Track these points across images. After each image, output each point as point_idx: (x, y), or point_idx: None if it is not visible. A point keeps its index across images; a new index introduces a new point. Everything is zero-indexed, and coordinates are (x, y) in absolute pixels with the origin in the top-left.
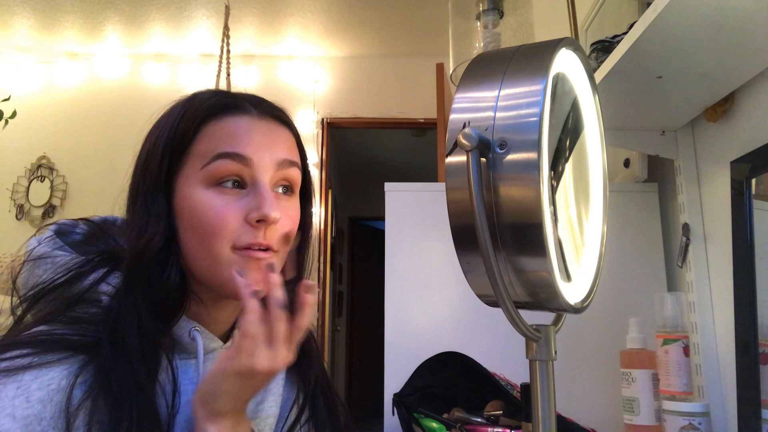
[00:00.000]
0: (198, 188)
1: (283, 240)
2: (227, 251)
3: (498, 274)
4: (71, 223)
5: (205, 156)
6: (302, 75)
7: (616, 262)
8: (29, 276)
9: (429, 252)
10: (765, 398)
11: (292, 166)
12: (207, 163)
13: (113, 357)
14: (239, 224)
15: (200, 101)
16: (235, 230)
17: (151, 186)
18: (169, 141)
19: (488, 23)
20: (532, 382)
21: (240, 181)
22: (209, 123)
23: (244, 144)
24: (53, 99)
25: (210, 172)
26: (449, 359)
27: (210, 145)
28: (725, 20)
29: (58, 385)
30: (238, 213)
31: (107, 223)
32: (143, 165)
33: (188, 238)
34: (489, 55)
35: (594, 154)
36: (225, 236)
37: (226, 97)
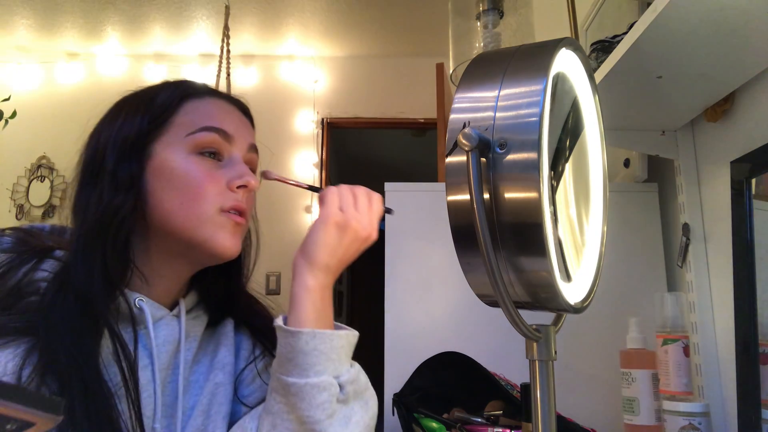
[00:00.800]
0: (181, 154)
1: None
2: (213, 212)
3: (498, 274)
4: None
5: (189, 126)
6: (302, 75)
7: (616, 262)
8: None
9: (429, 252)
10: (765, 398)
11: (255, 151)
12: (192, 132)
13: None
14: (222, 189)
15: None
16: (219, 194)
17: (125, 153)
18: (148, 112)
19: (488, 23)
20: (532, 382)
21: (218, 153)
22: (190, 100)
23: (227, 122)
24: (53, 99)
25: (195, 140)
26: (449, 359)
27: (194, 118)
28: (725, 20)
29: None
30: (220, 179)
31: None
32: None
33: (168, 199)
34: (489, 55)
35: (594, 154)
36: (210, 198)
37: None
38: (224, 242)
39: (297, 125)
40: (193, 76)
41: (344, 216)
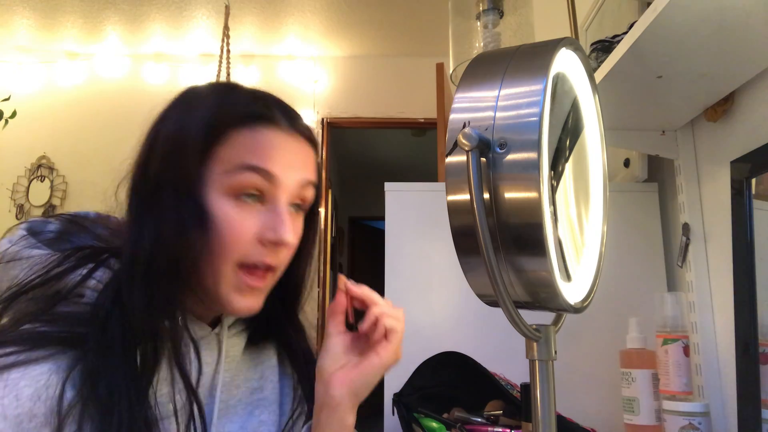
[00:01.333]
0: (216, 194)
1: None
2: (230, 267)
3: (498, 274)
4: (42, 220)
5: (230, 162)
6: (302, 75)
7: (616, 262)
8: (3, 276)
9: (429, 252)
10: (765, 398)
11: (310, 186)
12: (231, 170)
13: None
14: (251, 241)
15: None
16: (245, 247)
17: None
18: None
19: (488, 23)
20: (532, 382)
21: (260, 195)
22: (243, 128)
23: (274, 160)
24: (53, 99)
25: (233, 181)
26: (449, 359)
27: (239, 152)
28: (725, 20)
29: (48, 380)
30: (252, 229)
31: (79, 217)
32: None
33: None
34: (489, 55)
35: (594, 154)
36: (234, 251)
37: (263, 106)
38: (238, 304)
39: None
40: (193, 76)
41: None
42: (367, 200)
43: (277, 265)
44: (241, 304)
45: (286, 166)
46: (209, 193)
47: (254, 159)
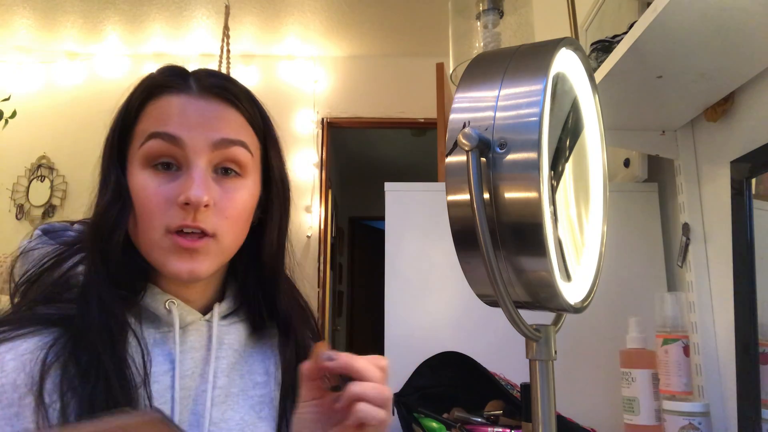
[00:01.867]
0: (136, 169)
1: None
2: (159, 234)
3: (498, 274)
4: (63, 225)
5: (141, 135)
6: (302, 75)
7: (616, 262)
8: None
9: (429, 252)
10: (765, 398)
11: (234, 145)
12: (142, 143)
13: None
14: (168, 206)
15: (149, 79)
16: (165, 212)
17: (105, 165)
18: (119, 120)
19: (488, 23)
20: (532, 382)
21: (175, 162)
22: (150, 102)
23: (175, 124)
24: (53, 99)
25: (144, 152)
26: (449, 359)
27: (147, 124)
28: (725, 20)
29: (32, 353)
30: (167, 195)
31: None
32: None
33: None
34: (489, 55)
35: (594, 154)
36: (155, 218)
37: (173, 74)
38: (173, 267)
39: (297, 125)
40: None
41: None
42: (367, 200)
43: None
44: (177, 266)
45: (192, 127)
46: (130, 169)
47: (156, 126)
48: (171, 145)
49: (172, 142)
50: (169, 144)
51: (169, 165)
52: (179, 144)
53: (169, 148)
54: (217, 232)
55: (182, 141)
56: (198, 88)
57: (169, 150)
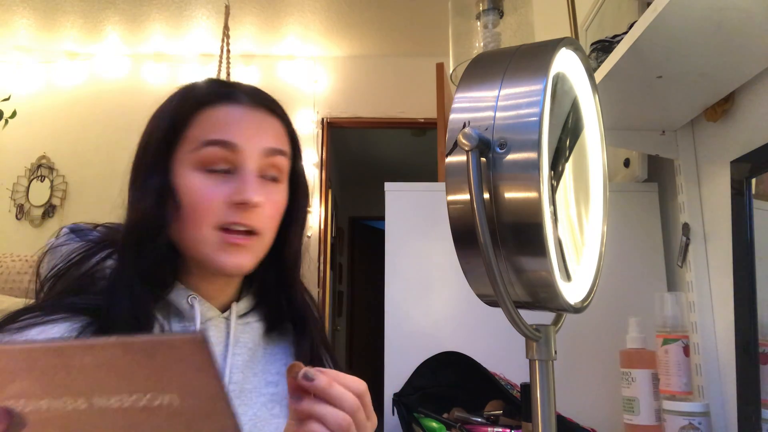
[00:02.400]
0: (186, 170)
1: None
2: (209, 231)
3: (498, 274)
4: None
5: (196, 141)
6: (302, 75)
7: (616, 262)
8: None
9: (429, 252)
10: (765, 398)
11: (278, 155)
12: (196, 148)
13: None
14: (222, 206)
15: (197, 89)
16: (217, 211)
17: (150, 166)
18: (167, 126)
19: (488, 23)
20: (532, 382)
21: (228, 166)
22: (204, 110)
23: (234, 132)
24: (53, 99)
25: (200, 156)
26: (449, 359)
27: (202, 131)
28: (725, 20)
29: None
30: (221, 195)
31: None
32: (144, 147)
33: (177, 217)
34: (489, 55)
35: (594, 154)
36: (208, 216)
37: (222, 86)
38: (222, 260)
39: (297, 125)
40: (193, 76)
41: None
42: (367, 200)
43: (257, 227)
44: (226, 260)
45: (248, 136)
46: (180, 170)
47: (216, 134)
48: (228, 152)
49: (229, 149)
50: (226, 150)
51: (222, 169)
52: (236, 150)
53: (225, 153)
54: (261, 231)
55: (239, 147)
56: (248, 100)
57: (225, 155)
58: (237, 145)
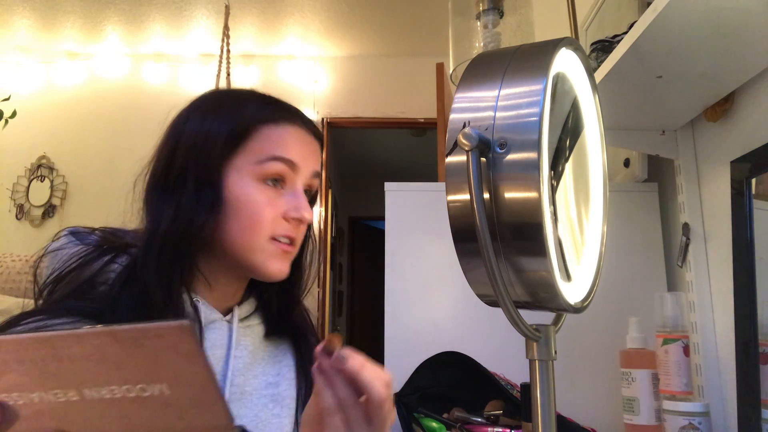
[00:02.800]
0: (247, 179)
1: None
2: (264, 240)
3: (498, 274)
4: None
5: (260, 153)
6: (302, 75)
7: (616, 262)
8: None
9: (429, 252)
10: (765, 398)
11: (318, 177)
12: (262, 160)
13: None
14: (278, 218)
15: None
16: (273, 223)
17: (201, 171)
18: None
19: (488, 23)
20: (532, 382)
21: (281, 181)
22: (268, 125)
23: (296, 151)
24: (53, 99)
25: (263, 169)
26: (449, 359)
27: (267, 145)
28: (725, 20)
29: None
30: (279, 209)
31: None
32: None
33: (230, 224)
34: (489, 55)
35: (594, 154)
36: (265, 227)
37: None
38: (273, 267)
39: None
40: (193, 76)
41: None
42: (367, 200)
43: (297, 239)
44: (274, 267)
45: (304, 157)
46: (238, 179)
47: (281, 150)
48: (288, 169)
49: (290, 166)
50: (287, 167)
51: (276, 182)
52: (294, 169)
53: (286, 170)
54: (298, 242)
55: (297, 167)
56: (304, 123)
57: (285, 172)
58: (297, 165)
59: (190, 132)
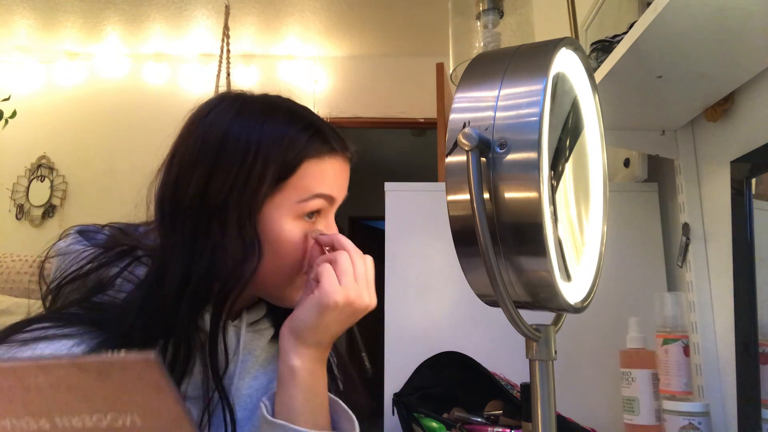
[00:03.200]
0: (287, 218)
1: None
2: (296, 274)
3: (498, 274)
4: (95, 227)
5: (303, 191)
6: (302, 75)
7: (616, 262)
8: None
9: (429, 252)
10: (765, 398)
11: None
12: (305, 199)
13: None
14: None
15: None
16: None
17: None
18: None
19: (488, 23)
20: (532, 382)
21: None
22: (311, 160)
23: (335, 186)
24: (53, 99)
25: (304, 207)
26: (449, 359)
27: (311, 182)
28: (725, 20)
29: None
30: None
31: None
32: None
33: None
34: (489, 54)
35: (594, 154)
36: (301, 266)
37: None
38: (297, 298)
39: None
40: (193, 76)
41: (345, 292)
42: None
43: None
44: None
45: (341, 188)
46: (278, 217)
47: (323, 188)
48: (327, 203)
49: (328, 201)
50: (326, 202)
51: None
52: (332, 202)
53: (324, 205)
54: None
55: (335, 200)
56: (340, 149)
57: (323, 206)
58: (335, 198)
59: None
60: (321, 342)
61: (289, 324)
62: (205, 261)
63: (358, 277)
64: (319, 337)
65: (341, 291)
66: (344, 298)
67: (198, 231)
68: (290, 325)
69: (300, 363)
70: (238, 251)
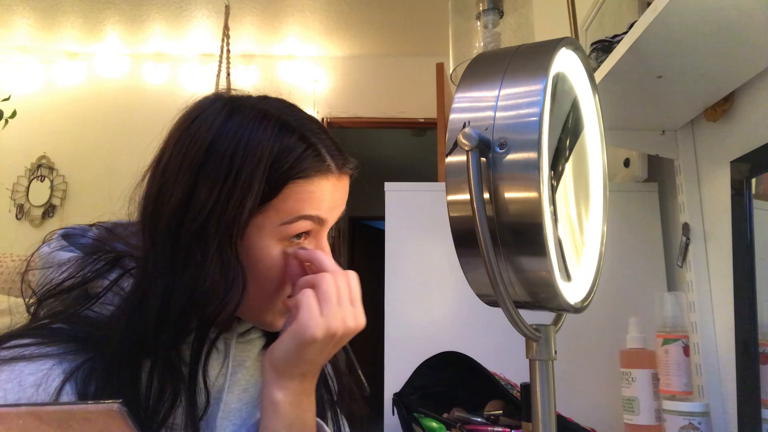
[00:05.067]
0: (271, 241)
1: None
2: (279, 300)
3: (498, 274)
4: (82, 228)
5: (287, 214)
6: (302, 75)
7: (616, 262)
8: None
9: (429, 252)
10: (765, 398)
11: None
12: (289, 221)
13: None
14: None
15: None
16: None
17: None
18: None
19: (488, 23)
20: (532, 382)
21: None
22: (297, 181)
23: (326, 207)
24: (53, 99)
25: (289, 230)
26: (449, 359)
27: (295, 205)
28: (725, 20)
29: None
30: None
31: (119, 226)
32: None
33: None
34: (489, 54)
35: (594, 154)
36: (284, 291)
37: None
38: (278, 325)
39: None
40: (193, 75)
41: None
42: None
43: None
44: (279, 324)
45: (333, 208)
46: (261, 240)
47: (311, 209)
48: (315, 225)
49: (317, 222)
50: (314, 224)
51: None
52: (322, 223)
53: (312, 226)
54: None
55: (325, 222)
56: (338, 167)
57: (311, 227)
58: (325, 219)
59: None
60: (306, 373)
61: (270, 357)
62: (185, 291)
63: (342, 300)
64: (301, 369)
65: (321, 324)
66: (324, 331)
67: (177, 256)
68: (271, 358)
69: (282, 396)
70: (219, 283)
